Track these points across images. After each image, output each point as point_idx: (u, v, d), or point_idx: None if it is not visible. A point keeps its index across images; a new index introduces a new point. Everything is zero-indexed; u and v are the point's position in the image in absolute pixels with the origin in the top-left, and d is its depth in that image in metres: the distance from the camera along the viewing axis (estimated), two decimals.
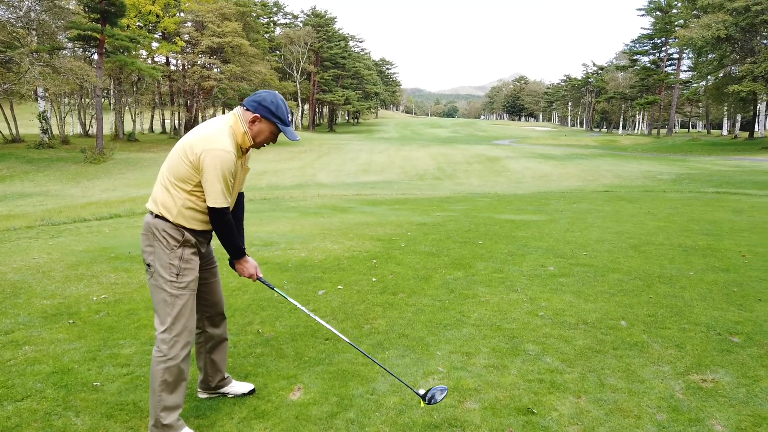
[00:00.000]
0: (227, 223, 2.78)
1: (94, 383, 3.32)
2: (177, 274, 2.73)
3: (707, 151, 45.11)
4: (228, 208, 2.76)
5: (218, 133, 2.72)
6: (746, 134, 59.90)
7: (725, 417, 2.99)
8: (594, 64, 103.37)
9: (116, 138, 47.90)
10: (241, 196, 3.07)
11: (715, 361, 3.71)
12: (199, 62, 52.37)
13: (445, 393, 2.97)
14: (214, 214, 2.73)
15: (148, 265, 2.77)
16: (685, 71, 73.38)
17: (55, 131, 45.99)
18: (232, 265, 3.01)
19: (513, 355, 3.81)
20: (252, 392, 3.23)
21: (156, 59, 55.98)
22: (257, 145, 2.88)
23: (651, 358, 3.78)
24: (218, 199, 2.70)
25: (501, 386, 3.34)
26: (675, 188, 19.44)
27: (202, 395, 3.20)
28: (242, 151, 2.85)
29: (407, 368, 3.59)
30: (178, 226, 2.74)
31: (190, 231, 2.78)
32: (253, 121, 2.80)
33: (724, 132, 66.19)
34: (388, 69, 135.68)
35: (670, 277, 5.92)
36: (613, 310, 4.77)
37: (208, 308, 3.06)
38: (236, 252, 2.90)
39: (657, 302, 5.01)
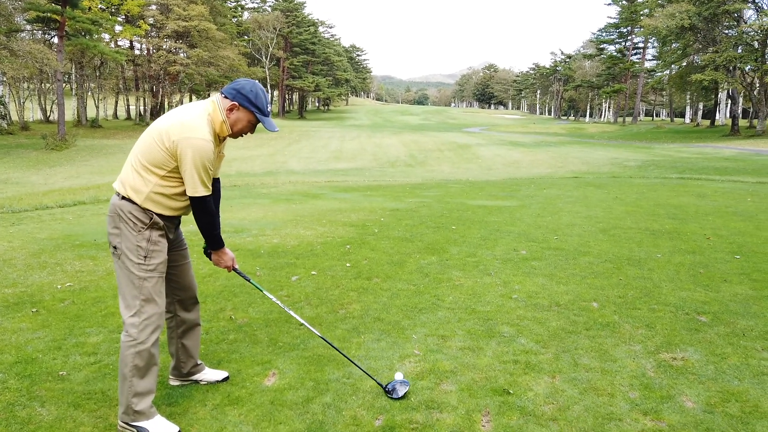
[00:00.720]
0: (209, 212, 2.71)
1: (60, 372, 3.20)
2: (145, 257, 2.64)
3: (671, 138, 46.20)
4: (210, 196, 2.69)
5: (196, 120, 2.62)
6: (708, 122, 61.60)
7: (695, 393, 3.05)
8: (562, 53, 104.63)
9: (79, 124, 46.50)
10: (217, 182, 2.98)
11: (684, 340, 3.79)
12: (164, 46, 51.03)
13: (407, 388, 3.00)
14: (195, 203, 2.66)
15: (114, 247, 2.67)
16: (650, 60, 74.87)
17: (14, 117, 44.36)
18: (208, 254, 2.93)
19: (488, 337, 3.82)
20: (226, 379, 3.16)
21: (119, 43, 54.36)
22: (235, 135, 2.79)
23: (622, 337, 3.84)
24: (198, 188, 2.62)
25: (477, 368, 3.35)
26: (641, 174, 19.86)
27: (174, 382, 3.12)
28: (219, 140, 2.77)
29: (383, 352, 3.57)
30: (145, 210, 2.65)
31: (158, 215, 2.68)
32: (231, 110, 2.70)
33: (687, 120, 67.93)
34: (358, 55, 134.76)
35: (638, 259, 6.03)
36: (584, 292, 4.84)
37: (180, 292, 2.98)
38: (215, 242, 2.83)
39: (627, 284, 5.09)
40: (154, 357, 2.68)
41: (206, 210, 2.69)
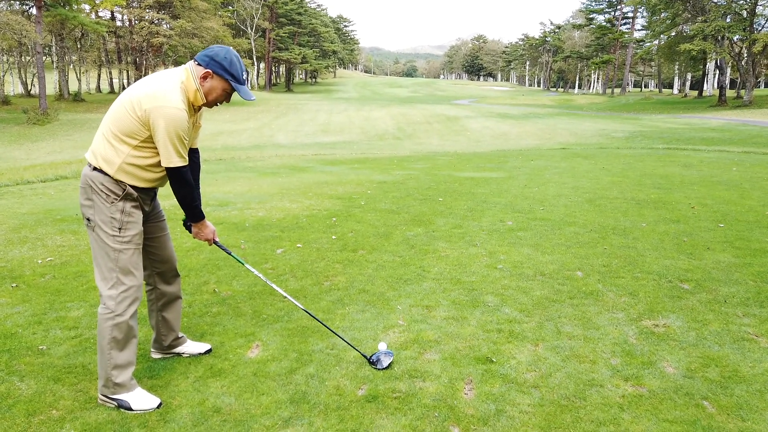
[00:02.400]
0: (186, 182, 2.64)
1: (40, 347, 3.17)
2: (119, 228, 2.58)
3: (659, 109, 46.24)
4: (186, 166, 2.62)
5: (168, 88, 2.52)
6: (695, 93, 61.68)
7: (676, 359, 3.08)
8: (551, 23, 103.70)
9: (61, 98, 45.54)
10: (195, 153, 2.90)
11: (667, 307, 3.82)
12: (146, 17, 49.76)
13: (391, 358, 3.00)
14: (171, 174, 2.59)
15: (88, 219, 2.60)
16: (639, 30, 74.39)
17: None
18: (188, 227, 2.87)
19: (472, 307, 3.83)
20: (208, 352, 3.14)
21: (100, 14, 52.93)
22: (209, 104, 2.69)
23: (606, 306, 3.86)
24: (173, 159, 2.55)
25: (460, 337, 3.35)
26: (628, 145, 19.88)
27: (156, 355, 3.10)
28: (194, 109, 2.68)
29: (367, 323, 3.56)
30: (118, 182, 2.58)
31: (132, 187, 2.62)
32: (204, 77, 2.60)
33: (675, 91, 67.96)
34: (345, 27, 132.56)
35: (623, 228, 6.05)
36: (569, 262, 4.85)
37: (159, 264, 2.93)
38: (195, 214, 2.77)
39: (611, 253, 5.11)
40: (133, 329, 2.64)
41: (183, 181, 2.63)
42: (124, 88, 54.45)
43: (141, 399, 2.61)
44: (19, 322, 3.51)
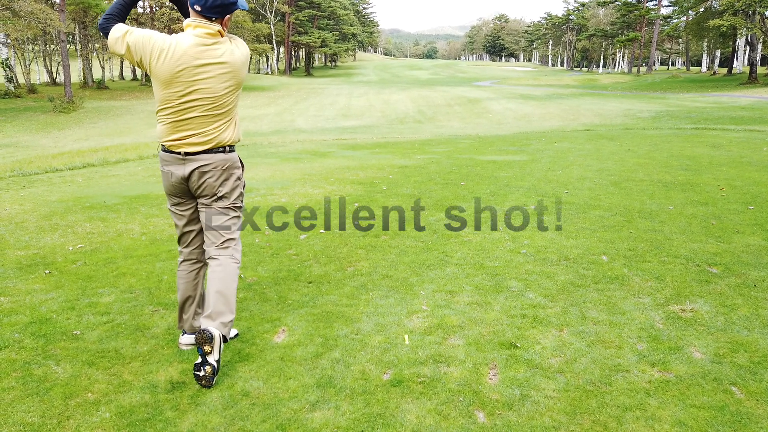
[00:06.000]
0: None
1: (74, 332, 3.26)
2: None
3: (686, 88, 45.10)
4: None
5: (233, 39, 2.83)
6: (725, 70, 59.94)
7: (704, 344, 3.05)
8: (575, 1, 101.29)
9: (85, 86, 46.20)
10: None
11: (694, 292, 3.77)
12: (167, 4, 50.06)
13: None
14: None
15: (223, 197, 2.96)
16: (666, 6, 72.32)
17: (21, 80, 44.16)
18: None
19: (496, 292, 3.83)
20: (236, 336, 3.20)
21: None
22: None
23: (631, 290, 3.82)
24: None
25: (484, 322, 3.36)
26: (654, 125, 19.48)
27: (186, 347, 3.13)
28: None
29: (391, 308, 3.59)
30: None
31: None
32: (226, 23, 2.80)
33: (704, 69, 66.18)
34: (365, 9, 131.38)
35: (650, 212, 5.96)
36: (594, 246, 4.81)
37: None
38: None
39: (637, 237, 5.05)
40: None
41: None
42: (146, 76, 55.00)
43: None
44: (53, 308, 3.62)
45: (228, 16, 2.72)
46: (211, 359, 2.64)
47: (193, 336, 3.06)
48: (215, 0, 2.64)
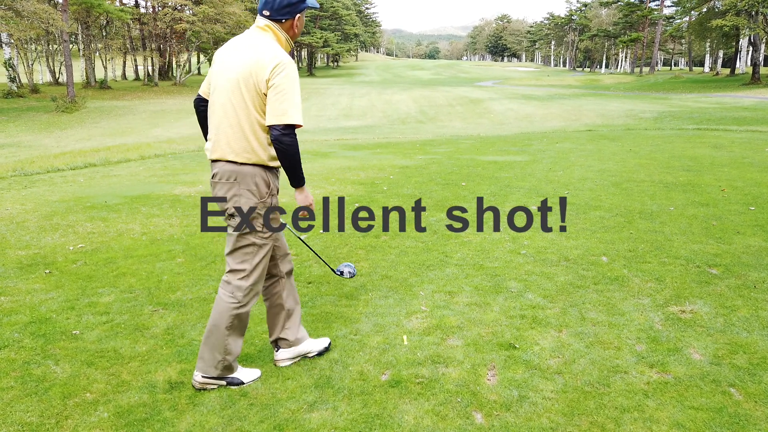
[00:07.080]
0: (297, 144, 2.55)
1: (73, 332, 3.27)
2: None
3: (689, 88, 45.00)
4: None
5: (274, 46, 2.51)
6: (727, 71, 59.81)
7: (703, 346, 3.04)
8: (577, 1, 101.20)
9: (88, 86, 46.25)
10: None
11: (694, 293, 3.77)
12: (169, 3, 50.10)
13: (353, 272, 3.36)
14: (291, 132, 2.48)
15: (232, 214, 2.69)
16: (668, 6, 72.22)
17: (24, 80, 44.23)
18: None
19: (495, 293, 3.82)
20: (327, 349, 3.05)
21: (124, 1, 53.48)
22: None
23: (631, 291, 3.82)
24: (298, 114, 2.48)
25: (483, 323, 3.36)
26: (657, 126, 19.45)
27: (281, 363, 2.92)
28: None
29: (390, 309, 3.59)
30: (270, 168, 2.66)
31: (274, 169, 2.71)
32: (291, 25, 2.61)
33: (706, 69, 65.99)
34: (367, 9, 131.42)
35: (650, 212, 5.95)
36: (594, 247, 4.80)
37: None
38: (302, 178, 2.71)
39: (638, 237, 5.04)
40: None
41: (296, 140, 2.62)
42: (148, 75, 55.03)
43: (247, 374, 2.76)
44: (53, 308, 3.62)
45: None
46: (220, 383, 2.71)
47: (280, 350, 2.93)
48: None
